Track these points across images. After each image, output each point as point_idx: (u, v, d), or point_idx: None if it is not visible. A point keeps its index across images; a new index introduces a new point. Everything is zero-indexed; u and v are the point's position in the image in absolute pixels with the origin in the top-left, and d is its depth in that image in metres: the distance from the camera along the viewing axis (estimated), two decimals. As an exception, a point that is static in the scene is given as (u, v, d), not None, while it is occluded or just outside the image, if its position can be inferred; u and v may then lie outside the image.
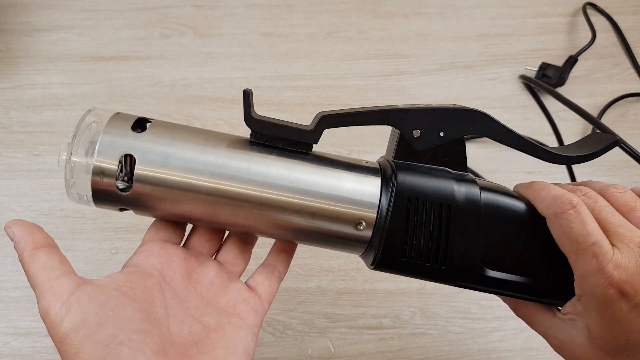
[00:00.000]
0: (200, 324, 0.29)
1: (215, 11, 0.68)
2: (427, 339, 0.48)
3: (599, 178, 0.56)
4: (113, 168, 0.27)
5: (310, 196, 0.28)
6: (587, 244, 0.26)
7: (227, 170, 0.28)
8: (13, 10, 0.68)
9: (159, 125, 0.29)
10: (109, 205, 0.29)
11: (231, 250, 0.34)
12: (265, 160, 0.28)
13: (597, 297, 0.26)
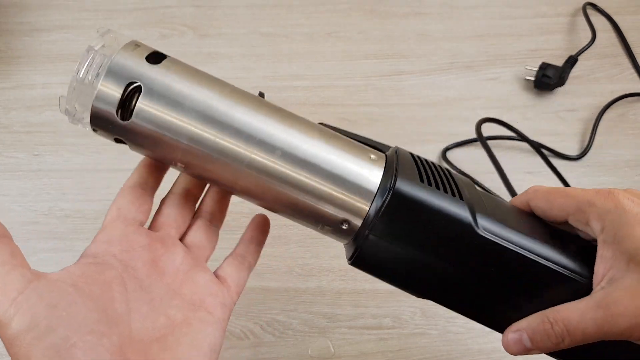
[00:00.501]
0: (165, 317, 0.27)
1: (215, 11, 0.68)
2: (427, 339, 0.48)
3: (599, 178, 0.56)
4: (117, 95, 0.26)
5: (306, 171, 0.27)
6: (579, 190, 0.27)
7: (233, 124, 0.27)
8: (13, 10, 0.68)
9: (174, 63, 0.28)
10: (105, 132, 0.27)
11: (198, 232, 0.32)
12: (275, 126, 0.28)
13: (614, 208, 0.25)
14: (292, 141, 0.27)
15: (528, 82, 0.63)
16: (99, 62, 0.26)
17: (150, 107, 0.26)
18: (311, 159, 0.27)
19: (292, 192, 0.27)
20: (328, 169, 0.27)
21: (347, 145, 0.28)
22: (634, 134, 0.60)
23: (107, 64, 0.26)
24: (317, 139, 0.28)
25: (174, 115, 0.26)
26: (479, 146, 0.58)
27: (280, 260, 0.51)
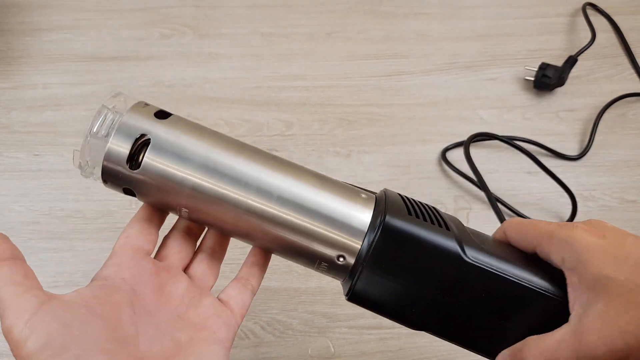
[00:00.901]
0: (171, 340, 0.28)
1: (216, 11, 0.68)
2: (427, 339, 0.48)
3: (598, 178, 0.56)
4: (127, 146, 0.28)
5: (300, 214, 0.28)
6: (544, 223, 0.29)
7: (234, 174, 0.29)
8: (14, 10, 0.68)
9: (179, 119, 0.30)
10: (115, 182, 0.29)
11: (201, 265, 0.33)
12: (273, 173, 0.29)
13: (572, 239, 0.26)
14: (286, 187, 0.28)
15: (528, 82, 0.63)
16: (111, 119, 0.28)
17: (157, 157, 0.28)
18: (305, 203, 0.28)
19: (288, 235, 0.29)
20: (321, 212, 0.28)
21: (339, 187, 0.30)
22: (634, 134, 0.60)
23: (119, 119, 0.28)
24: (310, 184, 0.29)
25: (178, 166, 0.28)
26: (478, 145, 0.58)
27: (280, 260, 0.51)
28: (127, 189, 0.30)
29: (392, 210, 0.28)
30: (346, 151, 0.58)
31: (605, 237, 0.26)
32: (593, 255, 0.26)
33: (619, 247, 0.26)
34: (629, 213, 0.54)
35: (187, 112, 0.60)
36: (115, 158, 0.28)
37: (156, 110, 0.30)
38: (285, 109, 0.61)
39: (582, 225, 0.28)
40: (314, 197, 0.28)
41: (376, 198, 0.30)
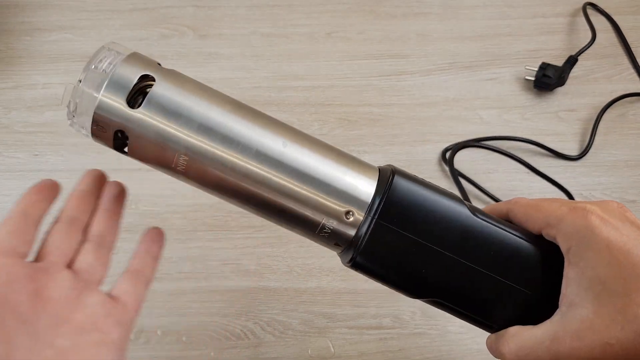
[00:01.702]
0: (52, 349, 0.26)
1: (216, 11, 0.68)
2: (427, 339, 0.48)
3: (598, 178, 0.56)
4: (129, 85, 0.26)
5: (305, 178, 0.27)
6: (556, 205, 0.27)
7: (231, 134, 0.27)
8: (14, 10, 0.68)
9: (180, 73, 0.29)
10: (108, 123, 0.27)
11: (87, 257, 0.30)
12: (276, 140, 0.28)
13: (582, 230, 0.25)
14: (291, 151, 0.28)
15: (528, 82, 0.63)
16: (112, 59, 0.27)
17: (162, 95, 0.26)
18: (310, 168, 0.27)
19: (294, 191, 0.27)
20: (329, 169, 0.28)
21: (342, 153, 0.30)
22: (634, 134, 0.60)
23: (121, 58, 0.27)
24: (315, 149, 0.28)
25: (185, 107, 0.27)
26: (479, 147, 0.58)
27: (280, 260, 0.51)
28: (119, 133, 0.27)
29: (400, 172, 0.28)
30: (346, 151, 0.58)
31: (619, 230, 0.24)
32: (599, 255, 0.24)
33: (629, 252, 0.24)
34: (629, 213, 0.54)
35: (187, 112, 0.60)
36: (114, 94, 0.26)
37: (155, 62, 0.28)
38: (285, 109, 0.61)
39: (599, 211, 0.25)
40: (319, 161, 0.28)
41: (379, 168, 0.30)
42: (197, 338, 0.47)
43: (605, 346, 0.23)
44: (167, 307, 0.48)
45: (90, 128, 0.27)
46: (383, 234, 0.27)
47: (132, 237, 0.51)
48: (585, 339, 0.24)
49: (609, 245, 0.24)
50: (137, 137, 0.27)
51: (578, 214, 0.25)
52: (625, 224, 0.25)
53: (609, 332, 0.23)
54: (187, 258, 0.51)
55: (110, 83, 0.26)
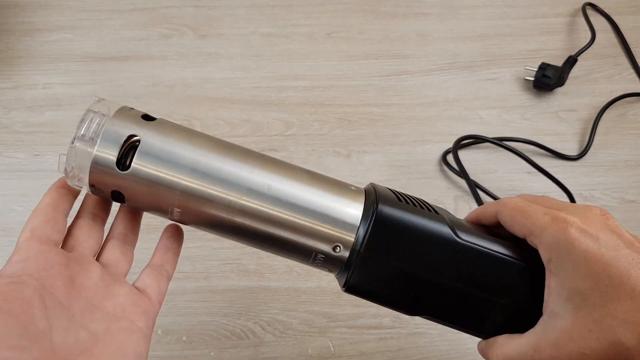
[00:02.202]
0: (86, 331, 0.27)
1: (216, 11, 0.68)
2: (426, 339, 0.48)
3: (597, 178, 0.56)
4: (114, 152, 0.28)
5: (294, 211, 0.28)
6: (540, 212, 0.27)
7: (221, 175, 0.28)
8: (14, 11, 0.68)
9: (165, 122, 0.30)
10: (103, 185, 0.29)
11: (114, 251, 0.32)
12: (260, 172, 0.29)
13: (562, 243, 0.26)
14: (278, 185, 0.29)
15: (527, 82, 0.63)
16: (97, 122, 0.28)
17: (148, 157, 0.28)
18: (297, 200, 0.28)
19: (283, 232, 0.29)
20: (314, 207, 0.28)
21: (329, 182, 0.30)
22: (633, 134, 0.60)
23: (106, 122, 0.28)
24: (301, 181, 0.29)
25: (169, 166, 0.28)
26: (478, 145, 0.58)
27: (280, 260, 0.51)
28: (116, 193, 0.29)
29: (383, 199, 0.28)
30: (346, 151, 0.58)
31: (599, 240, 0.25)
32: (577, 267, 0.25)
33: (606, 264, 0.25)
34: (628, 213, 0.54)
35: (187, 112, 0.60)
36: (103, 161, 0.28)
37: (142, 113, 0.30)
38: (285, 109, 0.61)
39: (579, 222, 0.26)
40: (306, 193, 0.28)
41: (365, 191, 0.30)
42: (197, 338, 0.47)
43: (582, 356, 0.24)
44: (168, 306, 0.48)
45: (89, 189, 0.29)
46: (370, 265, 0.28)
47: (132, 237, 0.52)
48: (563, 348, 0.25)
49: (587, 258, 0.25)
50: (131, 194, 0.29)
51: (559, 225, 0.26)
52: (605, 233, 0.26)
53: (585, 343, 0.24)
54: (187, 258, 0.51)
55: (97, 153, 0.27)
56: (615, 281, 0.24)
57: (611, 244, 0.25)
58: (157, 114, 0.62)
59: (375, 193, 0.29)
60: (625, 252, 0.25)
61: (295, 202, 0.28)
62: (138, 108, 0.65)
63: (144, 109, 0.62)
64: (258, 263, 0.51)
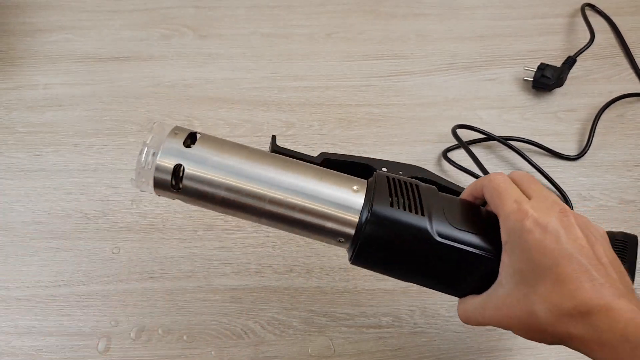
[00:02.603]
0: None
1: (216, 12, 0.69)
2: (426, 338, 0.48)
3: (596, 178, 0.57)
4: (168, 176, 0.34)
5: (312, 200, 0.34)
6: (511, 199, 0.32)
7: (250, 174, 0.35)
8: (15, 11, 0.68)
9: (205, 139, 0.35)
10: (166, 194, 0.36)
11: None
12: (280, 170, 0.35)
13: (517, 231, 0.31)
14: (298, 184, 0.35)
15: (527, 83, 0.63)
16: (152, 152, 0.34)
17: (192, 180, 0.34)
18: (314, 194, 0.35)
19: (308, 215, 0.35)
20: (324, 198, 0.35)
21: (336, 180, 0.36)
22: (632, 134, 0.60)
23: (158, 155, 0.34)
24: (315, 180, 0.35)
25: (209, 184, 0.34)
26: (478, 146, 0.58)
27: (280, 259, 0.51)
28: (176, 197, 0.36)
29: (378, 200, 0.34)
30: (346, 151, 0.58)
31: (548, 233, 0.30)
32: (523, 254, 0.30)
33: (545, 256, 0.29)
34: (627, 213, 0.55)
35: (187, 113, 0.60)
36: (161, 183, 0.35)
37: (184, 137, 0.35)
38: (285, 109, 0.61)
39: (536, 215, 0.30)
40: (318, 187, 0.35)
41: (368, 183, 0.36)
42: (197, 337, 0.47)
43: (510, 319, 0.31)
44: (168, 306, 0.49)
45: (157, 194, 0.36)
46: (365, 256, 0.35)
47: (132, 236, 0.52)
48: (499, 310, 0.32)
49: (532, 247, 0.30)
50: (186, 200, 0.36)
51: (519, 215, 0.31)
52: (555, 228, 0.30)
53: (513, 310, 0.31)
54: (187, 257, 0.51)
55: (156, 177, 0.35)
56: (546, 268, 0.29)
57: (555, 239, 0.30)
58: (157, 115, 0.63)
59: (373, 192, 0.34)
60: (563, 247, 0.29)
61: (310, 194, 0.34)
62: (139, 108, 0.65)
63: (144, 109, 0.63)
64: (258, 263, 0.51)
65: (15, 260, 0.50)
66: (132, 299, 0.49)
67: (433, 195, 0.35)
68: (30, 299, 0.49)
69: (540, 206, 0.31)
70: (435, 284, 0.37)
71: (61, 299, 0.49)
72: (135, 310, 0.48)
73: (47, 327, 0.47)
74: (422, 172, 0.43)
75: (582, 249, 0.29)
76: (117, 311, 0.48)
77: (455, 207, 0.35)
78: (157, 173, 0.34)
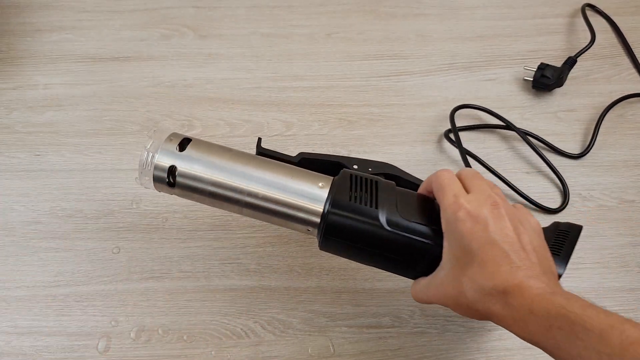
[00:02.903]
0: None
1: (216, 12, 0.69)
2: (426, 338, 0.48)
3: (596, 178, 0.57)
4: (165, 174, 0.41)
5: (283, 193, 0.40)
6: (451, 193, 0.36)
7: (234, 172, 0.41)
8: (15, 11, 0.68)
9: (196, 143, 0.42)
10: (164, 189, 0.42)
11: None
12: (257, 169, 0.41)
13: (453, 221, 0.35)
14: (272, 180, 0.41)
15: (527, 83, 0.63)
16: (151, 156, 0.41)
17: (184, 177, 0.41)
18: (284, 191, 0.40)
19: (280, 206, 0.40)
20: (297, 195, 0.40)
21: (306, 177, 0.41)
22: (633, 134, 0.60)
23: (156, 157, 0.41)
24: (287, 177, 0.41)
25: (199, 173, 0.41)
26: (478, 146, 0.58)
27: (280, 259, 0.51)
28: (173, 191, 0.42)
29: (338, 195, 0.39)
30: (346, 151, 0.58)
31: (478, 223, 0.34)
32: (457, 241, 0.35)
33: (471, 243, 0.34)
34: (627, 213, 0.55)
35: (187, 113, 0.60)
36: (159, 180, 0.41)
37: (178, 142, 0.41)
38: (285, 109, 0.61)
39: (469, 207, 0.34)
40: (287, 182, 0.41)
41: (333, 181, 0.41)
42: (197, 337, 0.47)
43: (446, 297, 0.36)
44: (168, 306, 0.49)
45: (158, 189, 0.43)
46: (330, 242, 0.40)
47: (132, 236, 0.52)
48: (439, 289, 0.36)
49: (464, 236, 0.34)
50: (181, 195, 0.42)
51: (455, 207, 0.35)
52: (484, 219, 0.34)
53: (448, 289, 0.36)
54: (187, 257, 0.51)
55: (155, 175, 0.41)
56: (474, 254, 0.34)
57: (483, 227, 0.34)
58: (158, 115, 0.63)
59: (336, 187, 0.40)
60: (489, 235, 0.33)
61: (282, 188, 0.40)
62: (139, 109, 0.65)
63: (144, 109, 0.63)
64: (258, 262, 0.51)
65: (15, 260, 0.50)
66: (132, 299, 0.49)
67: (389, 190, 0.40)
68: (30, 299, 0.49)
69: (475, 199, 0.35)
70: (391, 268, 0.41)
71: (61, 299, 0.49)
72: (135, 310, 0.48)
73: (47, 327, 0.47)
74: (390, 169, 0.47)
75: (507, 237, 0.33)
76: (117, 311, 0.48)
77: (408, 200, 0.40)
78: (156, 172, 0.41)
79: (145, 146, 0.41)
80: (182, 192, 0.42)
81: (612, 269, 0.51)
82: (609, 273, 0.51)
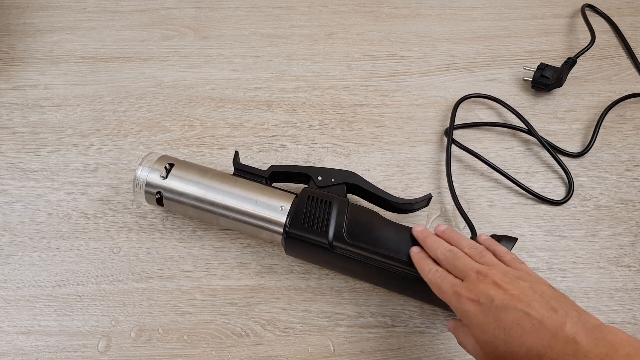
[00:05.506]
0: None
1: (216, 12, 0.69)
2: (426, 338, 0.48)
3: (596, 178, 0.57)
4: (153, 197, 0.49)
5: (251, 209, 0.47)
6: (448, 288, 0.40)
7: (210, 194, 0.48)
8: (16, 11, 0.68)
9: (178, 167, 0.49)
10: (153, 204, 0.50)
11: None
12: (231, 187, 0.49)
13: (462, 312, 0.38)
14: (242, 202, 0.48)
15: (526, 83, 0.63)
16: (143, 178, 0.49)
17: (168, 199, 0.49)
18: (251, 211, 0.47)
19: (248, 225, 0.48)
20: (262, 215, 0.47)
21: (271, 197, 0.48)
22: (632, 134, 0.60)
23: (144, 185, 0.49)
24: (253, 197, 0.48)
25: (181, 201, 0.48)
26: (478, 146, 0.58)
27: (280, 259, 0.51)
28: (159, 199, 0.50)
29: (292, 222, 0.46)
30: (346, 151, 0.58)
31: (480, 304, 0.37)
32: (473, 324, 0.37)
33: (482, 323, 0.37)
34: (626, 213, 0.55)
35: (188, 113, 0.60)
36: (149, 199, 0.49)
37: (163, 169, 0.49)
38: (285, 110, 0.61)
39: (470, 294, 0.38)
40: (256, 197, 0.48)
41: (293, 201, 0.47)
42: (198, 336, 0.48)
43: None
44: (169, 305, 0.49)
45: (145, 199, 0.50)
46: (295, 255, 0.49)
47: (132, 236, 0.52)
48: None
49: (473, 317, 0.37)
50: (169, 209, 0.50)
51: (459, 299, 0.38)
52: (482, 297, 0.37)
53: (478, 350, 0.38)
54: (188, 257, 0.51)
55: (146, 193, 0.49)
56: (485, 327, 0.37)
57: (487, 306, 0.37)
58: (158, 115, 0.63)
59: (293, 212, 0.46)
60: (494, 312, 0.36)
61: (251, 212, 0.47)
62: (140, 109, 0.65)
63: (145, 109, 0.63)
64: (258, 262, 0.51)
65: (16, 260, 0.51)
66: (133, 298, 0.49)
67: (340, 213, 0.46)
68: (30, 299, 0.49)
69: (470, 286, 0.38)
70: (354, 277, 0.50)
71: (61, 298, 0.49)
72: (135, 309, 0.49)
73: (48, 327, 0.48)
74: (352, 178, 0.50)
75: None
76: (117, 311, 0.48)
77: (358, 222, 0.46)
78: (146, 195, 0.49)
79: (135, 174, 0.48)
80: (169, 209, 0.50)
81: (611, 268, 0.51)
82: (609, 273, 0.51)
